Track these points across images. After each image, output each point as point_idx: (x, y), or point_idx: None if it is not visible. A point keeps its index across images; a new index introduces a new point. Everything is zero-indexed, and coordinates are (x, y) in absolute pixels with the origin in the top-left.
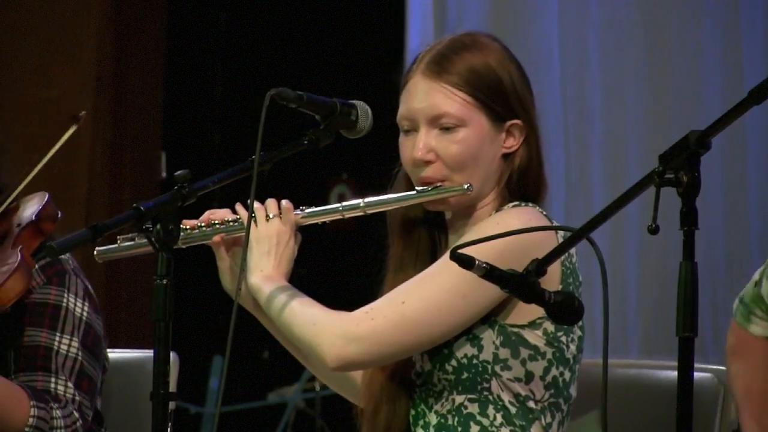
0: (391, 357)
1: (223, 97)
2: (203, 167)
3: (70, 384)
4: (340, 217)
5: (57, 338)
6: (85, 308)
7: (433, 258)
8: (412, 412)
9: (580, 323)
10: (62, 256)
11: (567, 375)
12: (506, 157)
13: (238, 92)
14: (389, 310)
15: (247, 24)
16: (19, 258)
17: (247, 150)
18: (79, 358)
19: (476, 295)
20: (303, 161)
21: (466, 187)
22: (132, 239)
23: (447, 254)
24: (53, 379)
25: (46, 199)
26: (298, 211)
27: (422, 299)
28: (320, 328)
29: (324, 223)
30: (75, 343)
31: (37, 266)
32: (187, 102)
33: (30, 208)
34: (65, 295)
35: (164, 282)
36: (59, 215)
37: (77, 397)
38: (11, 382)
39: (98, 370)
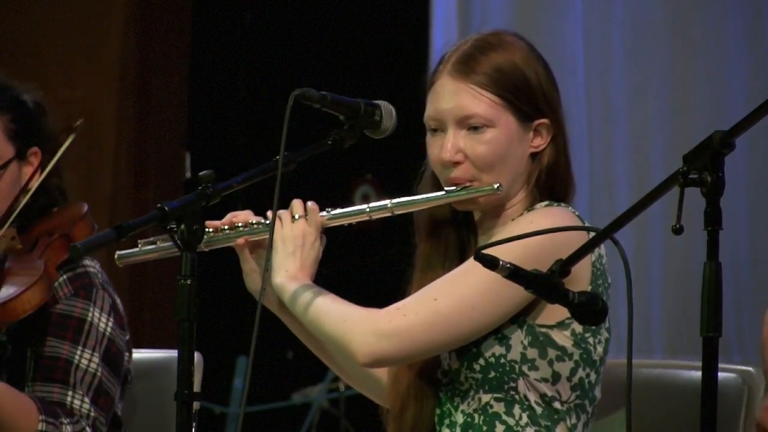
0: (423, 354)
1: (248, 97)
2: (227, 167)
3: (86, 399)
4: (367, 218)
5: (78, 352)
6: (110, 323)
7: (462, 257)
8: (438, 411)
9: (607, 325)
10: (92, 269)
11: (593, 376)
12: (534, 156)
13: (262, 92)
14: (421, 307)
15: (272, 24)
16: (41, 271)
17: (271, 150)
18: (99, 374)
19: (507, 294)
20: (327, 162)
21: (495, 186)
22: (153, 243)
23: None
24: (70, 393)
25: (83, 212)
26: (324, 213)
27: (454, 297)
28: (351, 325)
29: (350, 224)
30: (96, 359)
31: (65, 276)
32: (211, 102)
33: (66, 218)
34: (91, 309)
35: (188, 282)
36: (95, 228)
37: (92, 413)
38: (21, 393)
39: (117, 385)
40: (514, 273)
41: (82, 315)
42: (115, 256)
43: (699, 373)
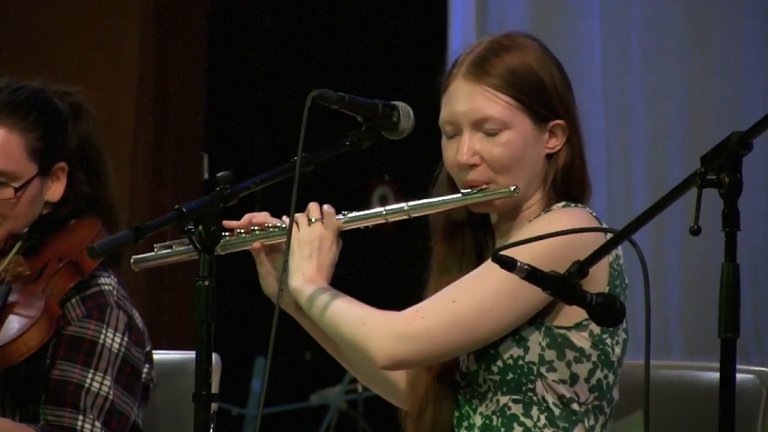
0: (442, 356)
1: (265, 98)
2: (245, 168)
3: (97, 423)
4: (384, 221)
5: (90, 376)
6: (123, 342)
7: (479, 260)
8: (456, 413)
9: (625, 326)
10: (106, 287)
11: (611, 377)
12: (550, 157)
13: (280, 93)
14: (440, 309)
15: (289, 25)
16: (41, 309)
17: (289, 151)
18: (110, 396)
19: (526, 295)
20: (345, 162)
21: (512, 189)
22: (169, 246)
23: None
24: (81, 417)
25: (94, 235)
26: (341, 216)
27: (473, 298)
28: (369, 328)
29: (366, 227)
30: (108, 381)
31: (77, 297)
32: (229, 103)
33: (77, 242)
34: (103, 331)
35: (206, 283)
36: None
37: None
38: (22, 426)
39: (133, 404)
40: (532, 274)
41: (94, 337)
42: (131, 261)
43: (717, 375)
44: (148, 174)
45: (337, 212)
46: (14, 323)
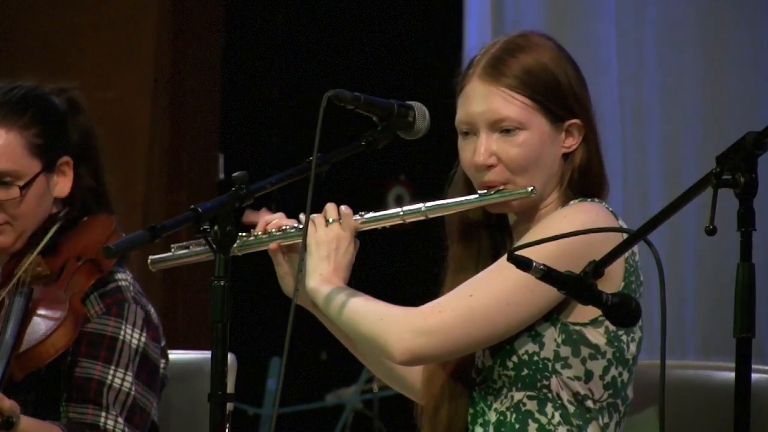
0: (459, 350)
1: (281, 99)
2: (261, 169)
3: (120, 420)
4: (401, 222)
5: (111, 372)
6: (142, 338)
7: (495, 259)
8: (471, 410)
9: (640, 324)
10: (123, 283)
11: (625, 375)
12: (566, 156)
13: (295, 93)
14: (457, 304)
15: (305, 25)
16: (66, 310)
17: (304, 151)
18: (132, 392)
19: (543, 290)
20: (360, 163)
21: (530, 189)
22: (186, 247)
23: None
24: (104, 414)
25: (111, 230)
26: (358, 216)
27: (490, 293)
28: (387, 323)
29: (383, 227)
30: (129, 377)
31: (96, 294)
32: (245, 103)
33: (94, 239)
34: (122, 327)
35: (222, 283)
36: None
37: (127, 431)
38: (48, 424)
39: (153, 399)
40: (547, 274)
41: (114, 334)
42: (148, 261)
43: (732, 375)
44: (163, 174)
45: (354, 213)
46: (40, 325)
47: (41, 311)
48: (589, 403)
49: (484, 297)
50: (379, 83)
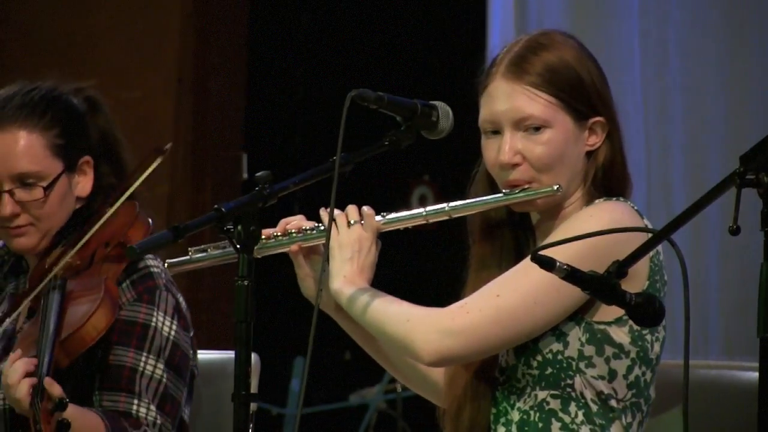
0: (487, 350)
1: (304, 98)
2: (284, 168)
3: (152, 407)
4: (424, 221)
5: (143, 359)
6: (173, 327)
7: (519, 258)
8: (494, 410)
9: (664, 323)
10: (155, 269)
11: (648, 375)
12: (590, 154)
13: (319, 93)
14: (484, 304)
15: (329, 25)
16: (102, 292)
17: (328, 151)
18: (164, 380)
19: (569, 289)
20: (384, 162)
21: (555, 188)
22: (204, 251)
23: None
24: (136, 402)
25: (135, 214)
26: (380, 217)
27: (517, 293)
28: (414, 324)
29: (406, 228)
30: (161, 365)
31: (128, 281)
32: (268, 103)
33: (119, 224)
34: (154, 314)
35: (245, 283)
36: (150, 225)
37: (159, 420)
38: (89, 413)
39: (183, 389)
40: (571, 274)
41: (146, 321)
42: (165, 264)
43: (756, 375)
44: (187, 174)
45: (376, 213)
46: (79, 310)
47: (78, 298)
48: (613, 403)
49: (511, 297)
50: (402, 83)
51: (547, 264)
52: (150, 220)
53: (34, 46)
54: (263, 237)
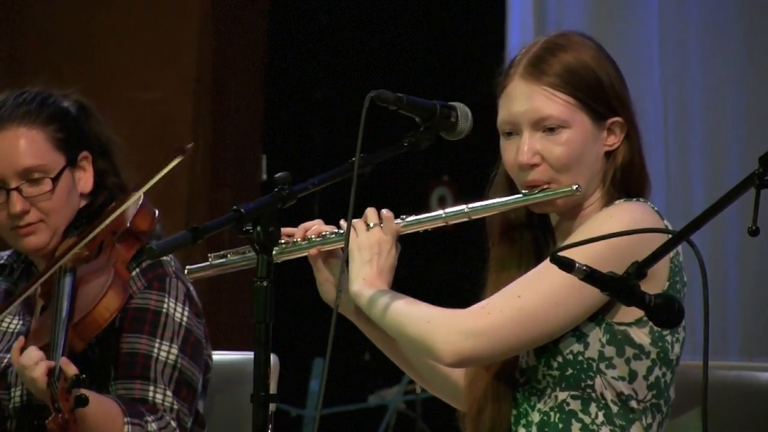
0: (508, 351)
1: (324, 99)
2: (303, 169)
3: (168, 393)
4: (443, 224)
5: (156, 345)
6: (185, 313)
7: (539, 259)
8: (514, 412)
9: (683, 324)
10: (164, 258)
11: (668, 376)
12: (608, 155)
13: (338, 94)
14: (506, 305)
15: (347, 25)
16: (112, 274)
17: (347, 152)
18: (178, 365)
19: (590, 290)
20: (403, 163)
21: (574, 188)
22: (224, 256)
23: None
24: (152, 388)
25: (140, 203)
26: (399, 220)
27: (538, 293)
28: (435, 325)
29: (425, 230)
30: (174, 350)
31: (137, 270)
32: (287, 104)
33: (122, 214)
34: (165, 300)
35: (265, 284)
36: (156, 215)
37: (175, 406)
38: (105, 398)
39: (198, 375)
40: (590, 276)
41: (157, 307)
42: (185, 271)
43: None
44: (206, 175)
45: (395, 216)
46: (90, 293)
47: (88, 282)
48: (633, 404)
49: (533, 297)
50: (421, 84)
51: (567, 265)
52: (156, 211)
53: (52, 46)
54: (283, 236)
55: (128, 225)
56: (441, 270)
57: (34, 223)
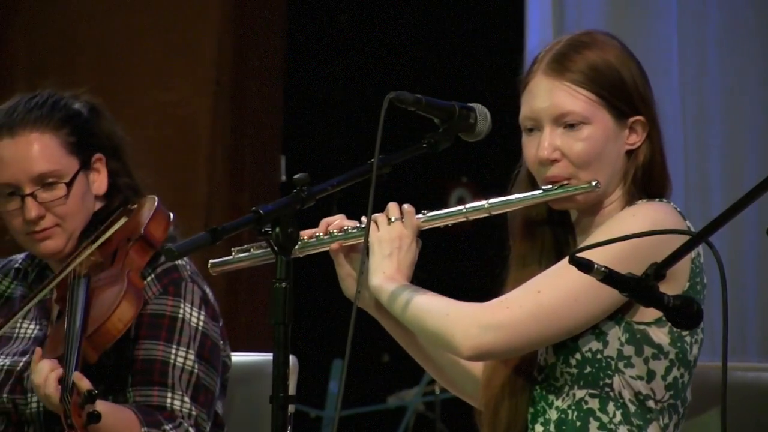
0: (526, 346)
1: (343, 100)
2: (322, 170)
3: (186, 399)
4: (464, 219)
5: (173, 351)
6: (201, 317)
7: (559, 256)
8: (531, 409)
9: (702, 325)
10: (179, 262)
11: (686, 377)
12: (629, 153)
13: (357, 95)
14: (525, 300)
15: (367, 26)
16: (125, 284)
17: (366, 153)
18: (196, 370)
19: (609, 289)
20: (422, 164)
21: (593, 184)
22: (247, 250)
23: None
24: (169, 395)
25: (154, 208)
26: (420, 215)
27: (558, 289)
28: (454, 319)
29: (446, 225)
30: (191, 356)
31: (152, 275)
32: (307, 104)
33: (139, 219)
34: (181, 305)
35: (284, 285)
36: (171, 218)
37: (194, 411)
38: (122, 408)
39: (216, 379)
40: (609, 277)
41: (173, 313)
42: (209, 265)
43: None
44: (225, 176)
45: (417, 212)
46: (103, 304)
47: (102, 293)
48: (651, 404)
49: (552, 293)
50: (440, 85)
51: (585, 266)
52: (171, 214)
53: (72, 47)
54: (304, 237)
55: (142, 231)
56: (459, 268)
57: (49, 228)
